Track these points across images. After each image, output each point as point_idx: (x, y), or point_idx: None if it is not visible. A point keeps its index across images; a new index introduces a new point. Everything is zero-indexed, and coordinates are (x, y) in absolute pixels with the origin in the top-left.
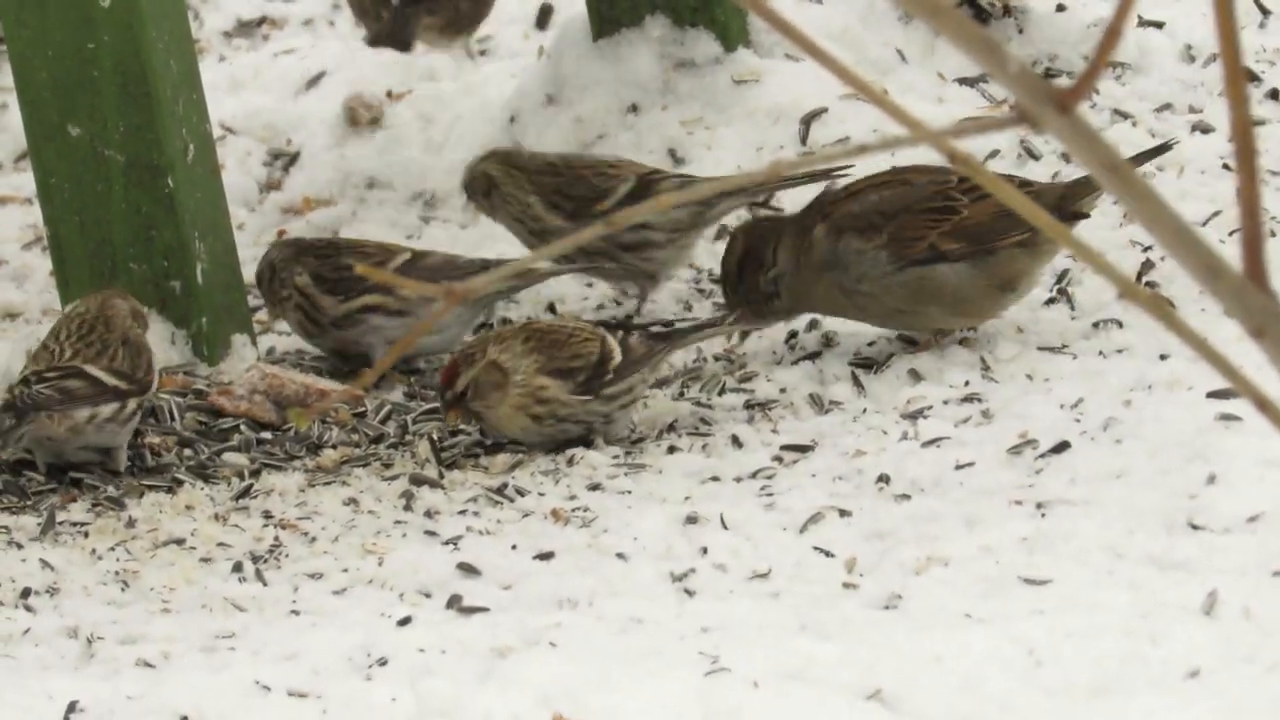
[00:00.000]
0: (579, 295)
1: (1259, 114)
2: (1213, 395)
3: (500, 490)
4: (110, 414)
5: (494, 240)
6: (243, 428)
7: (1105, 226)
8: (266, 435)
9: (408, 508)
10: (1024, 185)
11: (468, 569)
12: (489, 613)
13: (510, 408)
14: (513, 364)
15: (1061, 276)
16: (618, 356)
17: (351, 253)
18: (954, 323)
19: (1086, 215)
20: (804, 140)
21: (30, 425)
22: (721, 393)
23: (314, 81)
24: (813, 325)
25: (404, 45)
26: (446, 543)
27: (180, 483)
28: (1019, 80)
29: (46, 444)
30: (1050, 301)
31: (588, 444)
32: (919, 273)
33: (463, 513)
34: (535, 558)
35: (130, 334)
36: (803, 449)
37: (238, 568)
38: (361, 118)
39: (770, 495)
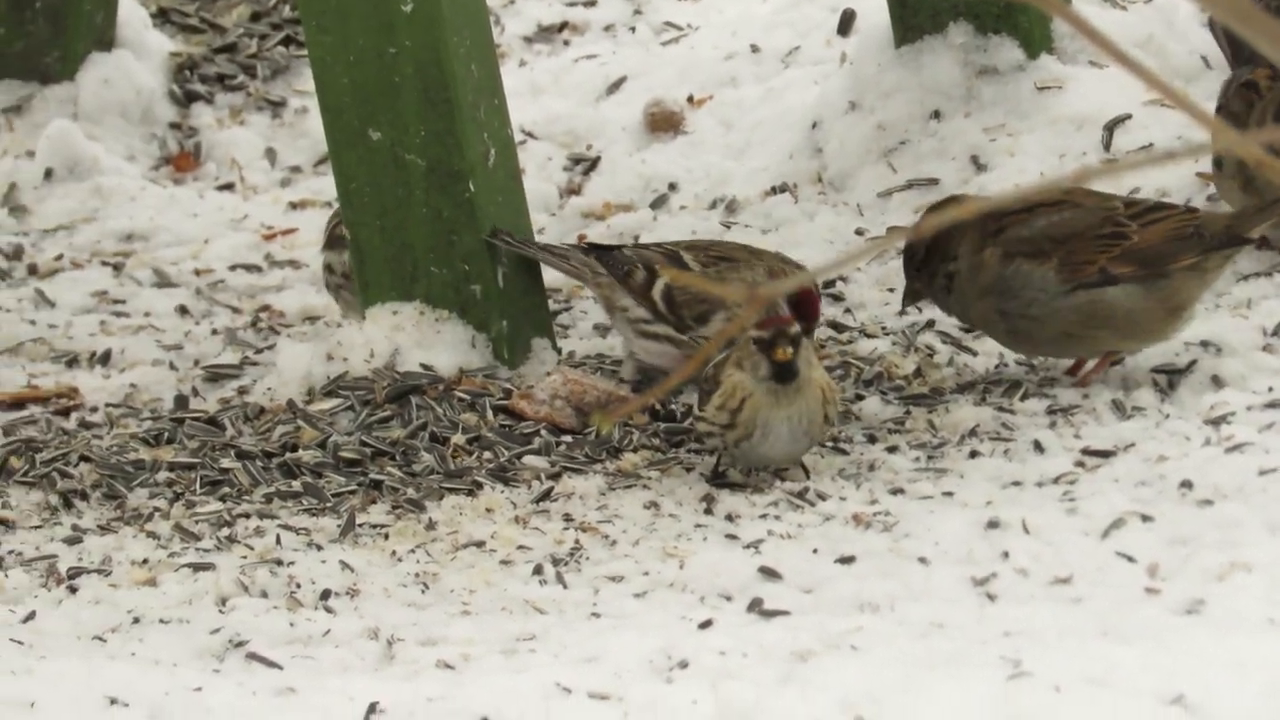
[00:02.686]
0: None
1: None
2: None
3: (801, 494)
4: None
5: (793, 247)
6: (543, 431)
7: None
8: (567, 439)
9: (708, 511)
10: None
11: (769, 572)
12: (790, 616)
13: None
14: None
15: None
16: None
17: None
18: (1125, 346)
19: None
20: (1107, 147)
21: None
22: (1024, 398)
23: (614, 87)
24: None
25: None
26: (747, 546)
27: (480, 485)
28: None
29: None
30: None
31: (890, 450)
32: (1089, 295)
33: (764, 516)
34: (836, 561)
35: None
36: (1105, 454)
37: (538, 570)
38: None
39: (1072, 500)
